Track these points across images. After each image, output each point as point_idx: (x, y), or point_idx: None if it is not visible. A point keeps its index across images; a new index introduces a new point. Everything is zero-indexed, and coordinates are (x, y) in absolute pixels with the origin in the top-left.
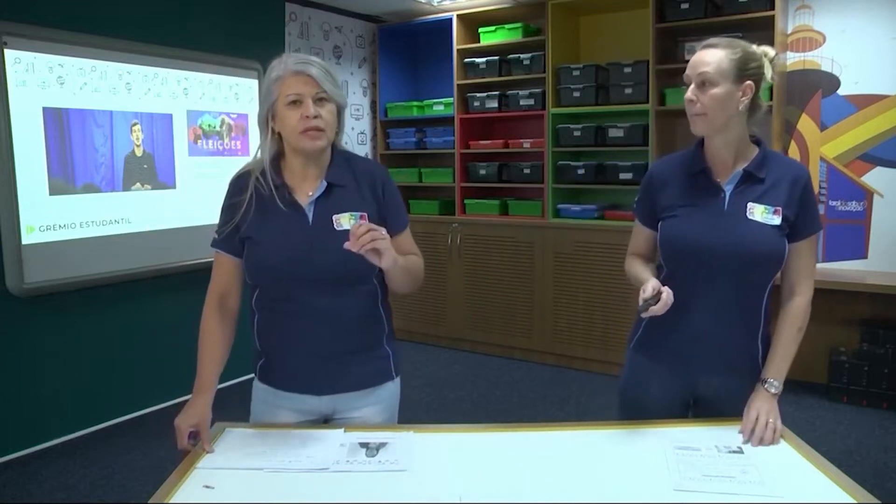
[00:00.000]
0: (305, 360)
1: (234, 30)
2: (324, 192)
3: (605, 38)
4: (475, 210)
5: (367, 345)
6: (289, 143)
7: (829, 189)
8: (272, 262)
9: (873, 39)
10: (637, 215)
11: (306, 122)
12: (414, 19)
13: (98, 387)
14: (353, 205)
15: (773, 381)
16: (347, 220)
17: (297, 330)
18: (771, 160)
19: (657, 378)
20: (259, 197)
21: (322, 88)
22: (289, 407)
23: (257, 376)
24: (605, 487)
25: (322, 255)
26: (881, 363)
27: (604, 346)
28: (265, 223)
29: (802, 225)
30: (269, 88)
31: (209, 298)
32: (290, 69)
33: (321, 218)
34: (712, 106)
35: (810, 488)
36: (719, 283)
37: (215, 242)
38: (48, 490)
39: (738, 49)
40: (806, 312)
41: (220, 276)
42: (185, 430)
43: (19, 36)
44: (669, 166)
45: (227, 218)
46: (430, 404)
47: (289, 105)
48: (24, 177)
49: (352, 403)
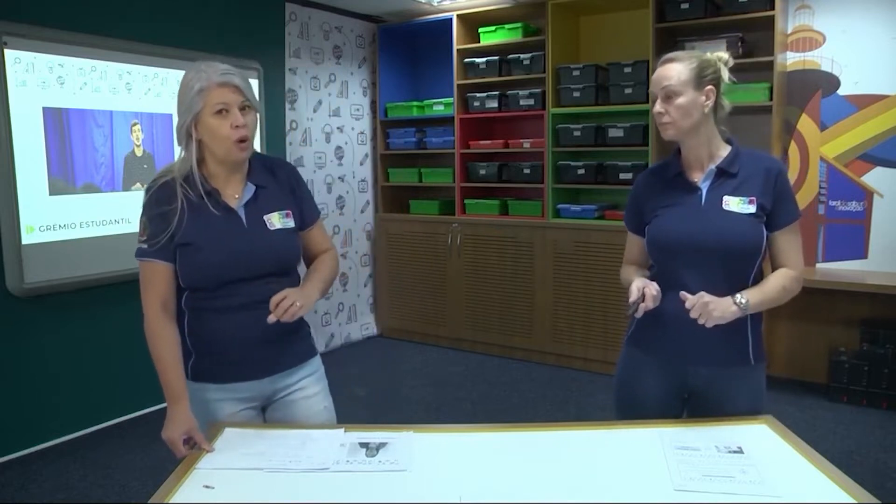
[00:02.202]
0: (242, 349)
1: (234, 30)
2: (252, 194)
3: (605, 38)
4: (475, 210)
5: (295, 326)
6: (214, 152)
7: (829, 189)
8: (214, 265)
9: (873, 39)
10: (627, 226)
11: (238, 132)
12: (414, 19)
13: (98, 387)
14: (277, 203)
15: (741, 297)
16: (278, 220)
17: (232, 322)
18: (743, 156)
19: (649, 370)
20: (189, 203)
21: (245, 97)
22: (230, 398)
23: (190, 377)
24: (605, 487)
25: (261, 254)
26: (881, 363)
27: (604, 346)
28: (202, 229)
29: (780, 214)
30: (192, 99)
31: (151, 307)
32: (214, 80)
33: (254, 219)
34: (680, 114)
35: (810, 488)
36: (703, 274)
37: (146, 253)
38: (48, 490)
39: (693, 59)
40: (794, 280)
41: (157, 284)
42: (178, 439)
43: (19, 36)
44: (651, 176)
45: (159, 227)
46: (430, 404)
47: (215, 115)
48: (24, 177)
49: (289, 380)
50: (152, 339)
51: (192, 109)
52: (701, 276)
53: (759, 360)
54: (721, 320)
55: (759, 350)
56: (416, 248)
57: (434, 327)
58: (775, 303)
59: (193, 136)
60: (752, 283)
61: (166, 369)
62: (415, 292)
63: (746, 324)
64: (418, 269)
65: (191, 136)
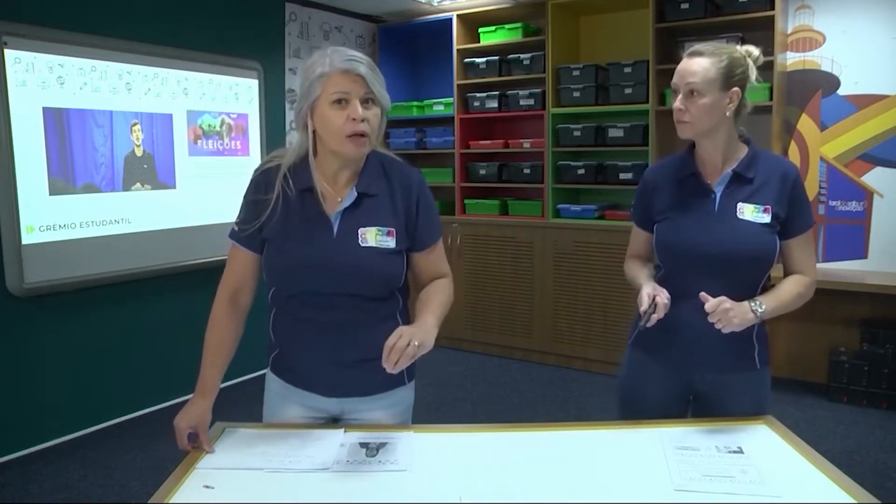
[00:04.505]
0: (317, 364)
1: (235, 30)
2: (353, 201)
3: (605, 38)
4: (475, 210)
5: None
6: (327, 144)
7: (829, 189)
8: (290, 271)
9: (873, 39)
10: (634, 219)
11: (353, 126)
12: (414, 19)
13: (98, 387)
14: (382, 218)
15: (758, 305)
16: (373, 237)
17: (310, 335)
18: (759, 160)
19: (654, 373)
20: (285, 198)
21: (370, 89)
22: (298, 402)
23: (270, 367)
24: (605, 487)
25: (344, 270)
26: (881, 363)
27: (604, 346)
28: (288, 229)
29: (795, 222)
30: (311, 84)
31: (222, 291)
32: (337, 66)
33: (347, 230)
34: (700, 114)
35: (810, 488)
36: (712, 281)
37: (235, 236)
38: (48, 490)
39: (723, 57)
40: (808, 286)
41: (235, 270)
42: (183, 430)
43: (19, 36)
44: (662, 171)
45: (251, 215)
46: (430, 404)
47: (333, 104)
48: (24, 177)
49: (361, 406)
50: (210, 325)
51: (310, 96)
52: (711, 283)
53: (765, 364)
54: (738, 328)
55: (765, 354)
56: None
57: None
58: (789, 309)
59: (308, 126)
60: (760, 290)
61: (207, 360)
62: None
63: (753, 329)
64: None
65: (306, 125)
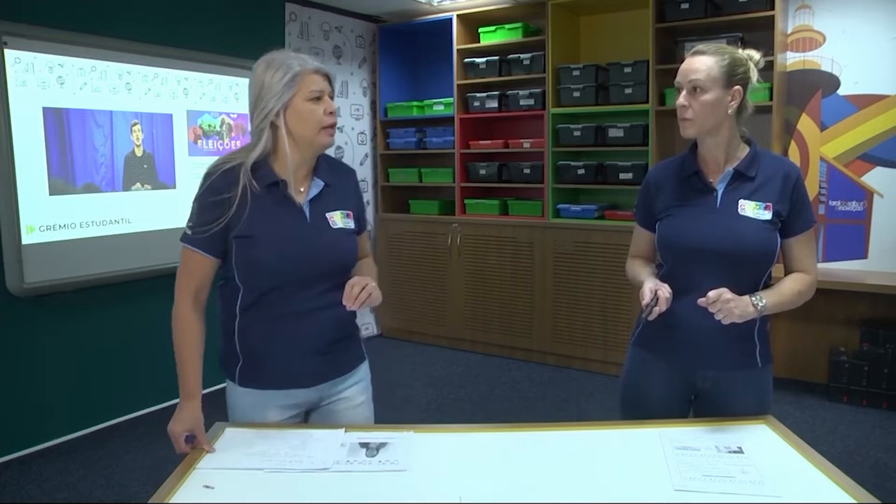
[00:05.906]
0: (295, 357)
1: (234, 30)
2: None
3: (605, 38)
4: (475, 210)
5: (347, 333)
6: (301, 138)
7: (829, 189)
8: (273, 261)
9: (873, 39)
10: (637, 219)
11: (331, 118)
12: (414, 19)
13: (98, 387)
14: (341, 202)
15: (759, 299)
16: (340, 219)
17: (288, 329)
18: (761, 159)
19: (656, 372)
20: (252, 194)
21: (332, 88)
22: (277, 405)
23: (237, 381)
24: (605, 487)
25: (322, 252)
26: (881, 363)
27: (604, 346)
28: (264, 221)
29: (796, 221)
30: (285, 85)
31: (183, 296)
32: (310, 66)
33: (317, 216)
34: (703, 111)
35: (810, 488)
36: (713, 277)
37: (191, 240)
38: (48, 490)
39: (726, 55)
40: (809, 285)
41: (195, 274)
42: (180, 435)
43: (19, 36)
44: (665, 171)
45: (211, 216)
46: (430, 404)
47: (311, 100)
48: (24, 177)
49: (336, 388)
50: (177, 328)
51: (287, 93)
52: (712, 279)
53: (766, 362)
54: (739, 320)
55: (766, 352)
56: (417, 248)
57: (434, 327)
58: (790, 306)
59: (279, 125)
60: (762, 287)
61: (184, 363)
62: (415, 292)
63: (754, 327)
64: (418, 269)
65: (275, 124)
